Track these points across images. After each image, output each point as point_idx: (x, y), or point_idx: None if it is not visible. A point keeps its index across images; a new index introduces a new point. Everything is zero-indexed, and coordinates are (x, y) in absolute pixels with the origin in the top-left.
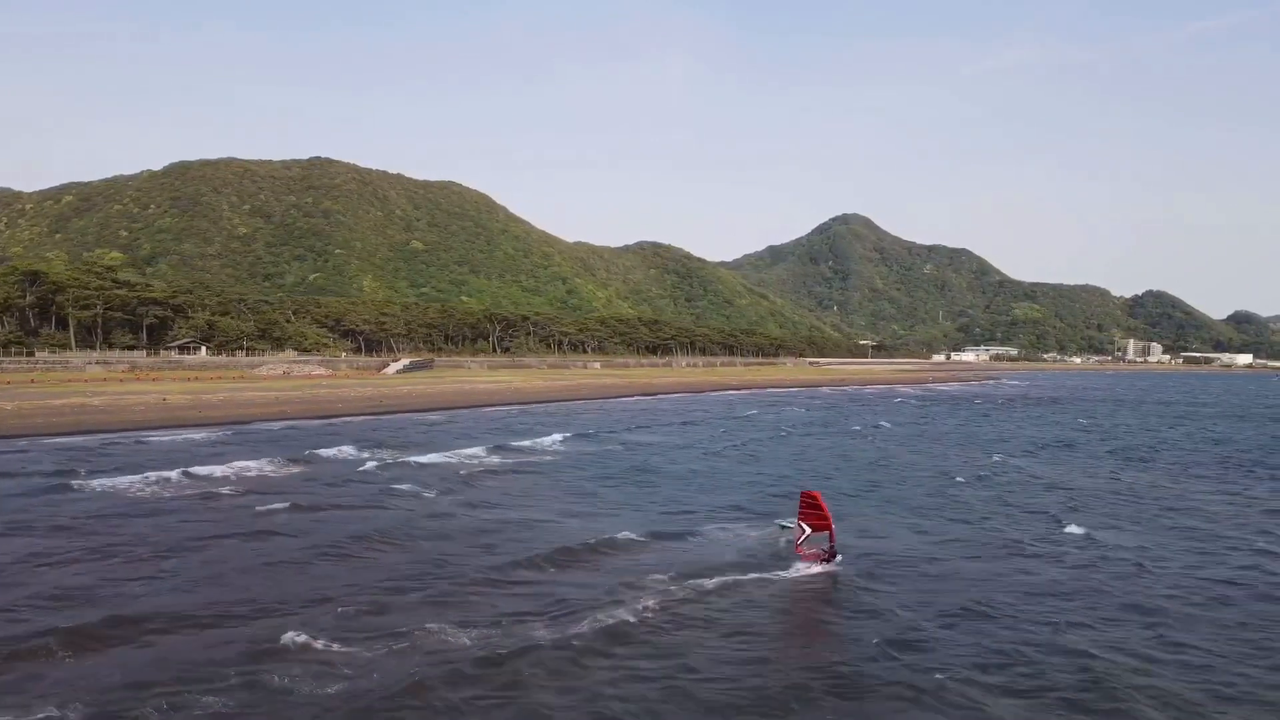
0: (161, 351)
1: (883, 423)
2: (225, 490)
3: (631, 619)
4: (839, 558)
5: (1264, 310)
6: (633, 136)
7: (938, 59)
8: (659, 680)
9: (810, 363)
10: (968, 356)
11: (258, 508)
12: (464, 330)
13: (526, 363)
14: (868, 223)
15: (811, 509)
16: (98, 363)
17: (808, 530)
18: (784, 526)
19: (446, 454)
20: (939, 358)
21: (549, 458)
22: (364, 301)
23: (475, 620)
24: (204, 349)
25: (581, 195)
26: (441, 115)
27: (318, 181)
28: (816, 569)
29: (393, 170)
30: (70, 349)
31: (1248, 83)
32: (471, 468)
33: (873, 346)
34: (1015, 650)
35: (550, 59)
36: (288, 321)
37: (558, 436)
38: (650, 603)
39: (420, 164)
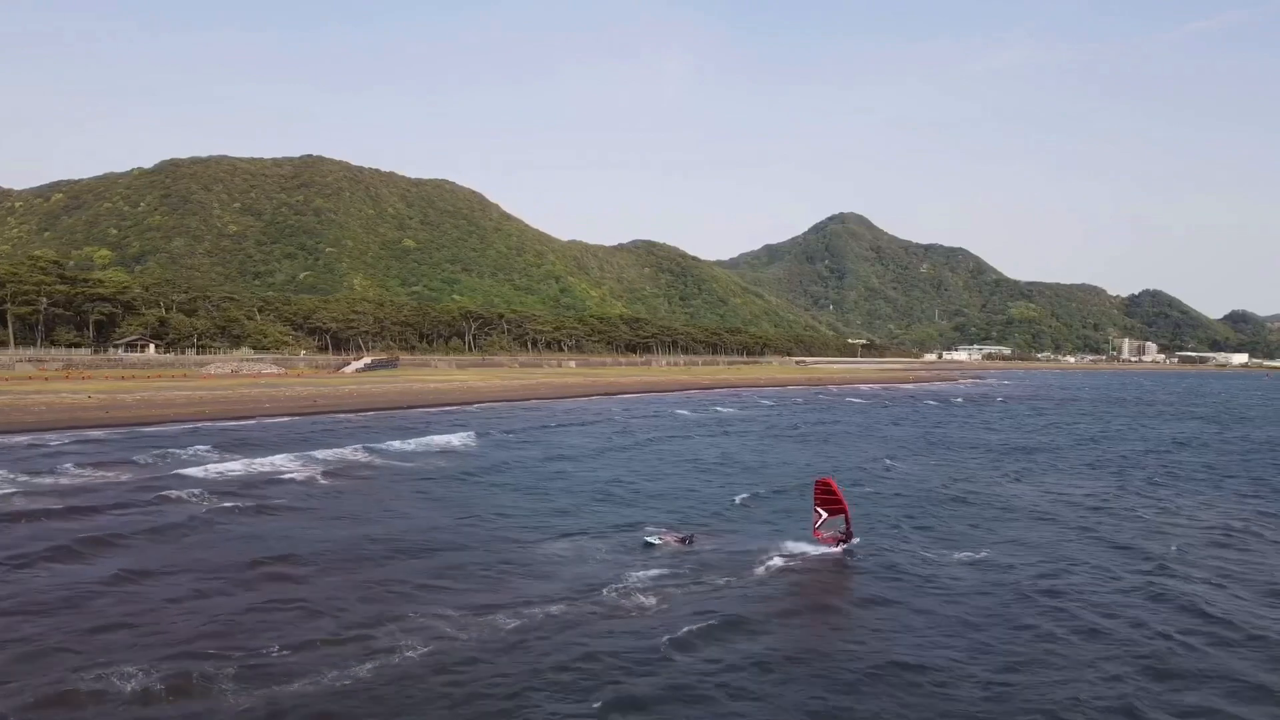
0: (110, 349)
1: (801, 424)
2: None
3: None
4: (855, 540)
5: (1261, 310)
6: (630, 135)
7: (935, 58)
8: None
9: (797, 362)
10: (960, 356)
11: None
12: (440, 328)
13: (498, 361)
14: (864, 222)
15: (827, 495)
16: (30, 360)
17: (824, 515)
18: (650, 542)
19: (303, 455)
20: (930, 357)
21: (435, 461)
22: (335, 300)
23: (103, 652)
24: (152, 346)
25: (578, 194)
26: (436, 113)
27: (309, 179)
28: (824, 551)
29: (385, 168)
30: (9, 346)
31: (1247, 82)
32: (317, 469)
33: (863, 346)
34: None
35: (547, 58)
36: (248, 319)
37: (464, 435)
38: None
39: (414, 162)
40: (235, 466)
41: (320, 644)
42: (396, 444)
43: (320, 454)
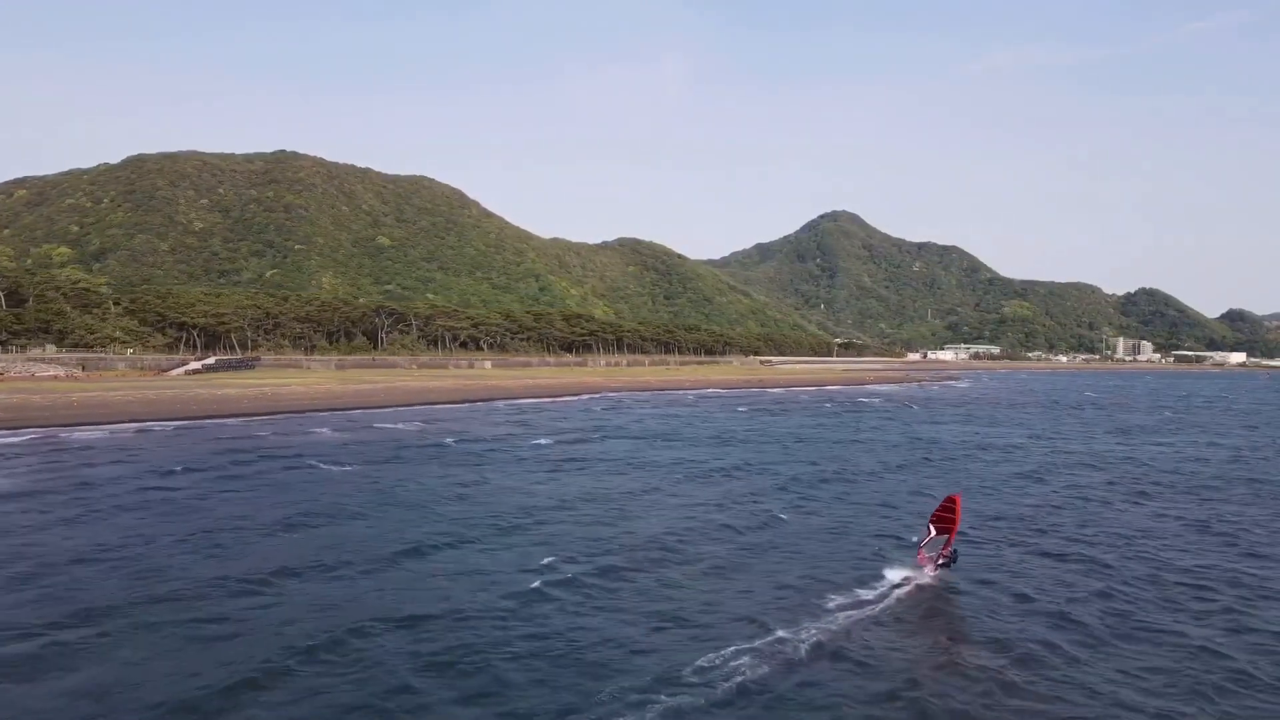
0: None
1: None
2: None
3: None
4: (956, 561)
5: (1259, 309)
6: (620, 133)
7: (931, 57)
8: None
9: (762, 361)
10: (945, 355)
11: None
12: (348, 326)
13: (393, 362)
14: (857, 220)
15: (945, 512)
16: None
17: (932, 533)
18: None
19: None
20: (914, 356)
21: None
22: (221, 294)
23: None
24: None
25: (567, 193)
26: (421, 111)
27: (281, 176)
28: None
29: (361, 165)
30: None
31: (1245, 81)
32: None
33: (840, 345)
34: None
35: (538, 55)
36: (83, 313)
37: None
38: None
39: (394, 159)
40: None
41: None
42: None
43: None
